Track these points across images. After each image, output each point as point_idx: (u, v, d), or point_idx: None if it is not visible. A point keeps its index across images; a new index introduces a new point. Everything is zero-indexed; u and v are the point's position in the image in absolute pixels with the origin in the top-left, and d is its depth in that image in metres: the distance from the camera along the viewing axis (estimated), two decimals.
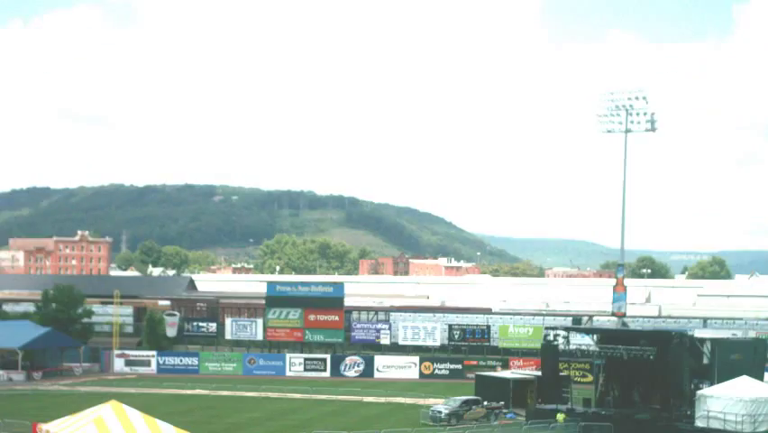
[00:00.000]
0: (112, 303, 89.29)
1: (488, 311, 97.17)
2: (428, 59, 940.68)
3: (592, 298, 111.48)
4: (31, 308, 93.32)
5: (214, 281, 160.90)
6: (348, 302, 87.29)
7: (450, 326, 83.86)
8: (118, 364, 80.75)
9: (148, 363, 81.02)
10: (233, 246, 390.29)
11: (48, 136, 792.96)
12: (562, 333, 55.91)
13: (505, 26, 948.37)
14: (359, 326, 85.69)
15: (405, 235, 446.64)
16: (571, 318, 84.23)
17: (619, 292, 78.92)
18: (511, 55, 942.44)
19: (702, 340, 51.33)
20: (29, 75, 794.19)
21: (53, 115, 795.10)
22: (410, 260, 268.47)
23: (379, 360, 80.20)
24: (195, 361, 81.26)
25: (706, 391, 46.99)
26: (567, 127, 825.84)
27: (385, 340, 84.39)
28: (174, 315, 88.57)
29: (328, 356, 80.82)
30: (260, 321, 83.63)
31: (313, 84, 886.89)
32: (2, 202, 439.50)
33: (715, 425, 45.05)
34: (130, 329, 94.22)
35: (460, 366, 77.94)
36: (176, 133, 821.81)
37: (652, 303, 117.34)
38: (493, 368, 72.70)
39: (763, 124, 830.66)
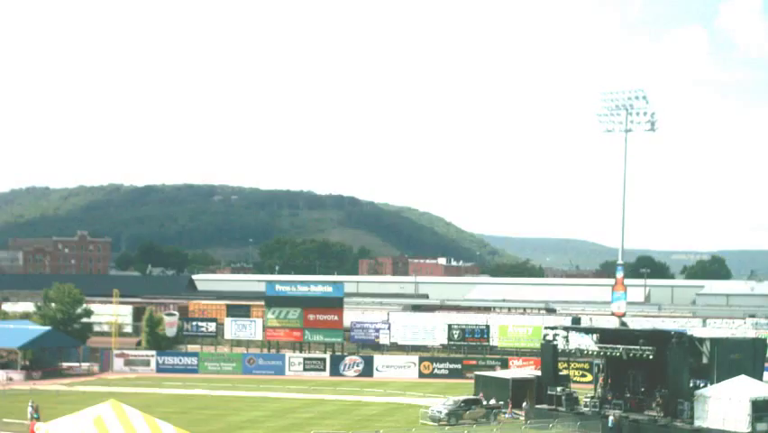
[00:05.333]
0: (111, 303, 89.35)
1: (487, 311, 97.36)
2: (428, 58, 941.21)
3: (592, 297, 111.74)
4: (30, 308, 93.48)
5: (213, 281, 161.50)
6: (347, 302, 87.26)
7: (449, 325, 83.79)
8: (117, 364, 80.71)
9: (147, 363, 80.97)
10: (232, 246, 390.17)
11: (47, 136, 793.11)
12: (562, 332, 55.91)
13: (504, 26, 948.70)
14: (358, 325, 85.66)
15: (404, 235, 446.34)
16: (570, 318, 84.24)
17: (618, 292, 78.76)
18: (511, 54, 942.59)
19: (701, 339, 51.33)
20: (28, 74, 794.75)
21: (53, 114, 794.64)
22: (410, 259, 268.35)
23: (379, 360, 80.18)
24: (194, 360, 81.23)
25: (705, 390, 47.01)
26: (567, 127, 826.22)
27: (384, 340, 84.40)
28: (173, 314, 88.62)
29: (327, 356, 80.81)
30: (259, 321, 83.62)
31: (312, 84, 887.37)
32: (2, 202, 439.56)
33: (714, 425, 45.06)
34: (129, 329, 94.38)
35: (459, 366, 77.88)
36: (175, 133, 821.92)
37: (651, 302, 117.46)
38: (492, 368, 72.66)
39: (763, 123, 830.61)
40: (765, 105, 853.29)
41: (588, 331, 59.27)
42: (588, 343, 55.63)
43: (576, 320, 76.56)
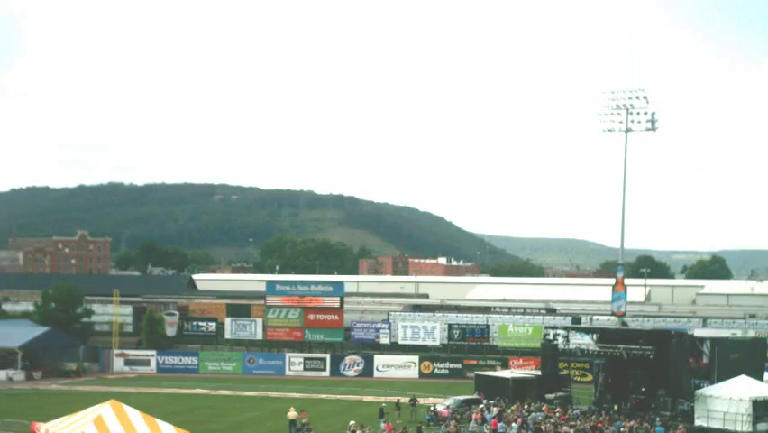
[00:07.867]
0: (111, 302, 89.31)
1: (487, 310, 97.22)
2: (427, 58, 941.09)
3: (592, 297, 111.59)
4: (30, 307, 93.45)
5: (213, 281, 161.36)
6: (348, 302, 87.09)
7: (449, 325, 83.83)
8: (118, 364, 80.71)
9: (147, 363, 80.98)
10: (232, 246, 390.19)
11: (48, 136, 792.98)
12: (562, 332, 56.04)
13: (503, 25, 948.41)
14: (358, 325, 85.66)
15: (404, 235, 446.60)
16: (570, 318, 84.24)
17: (619, 292, 78.77)
18: (511, 53, 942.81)
19: (702, 339, 51.36)
20: (27, 74, 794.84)
21: (52, 113, 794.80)
22: (410, 259, 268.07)
23: (379, 359, 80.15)
24: (194, 360, 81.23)
25: (705, 390, 47.01)
26: (567, 126, 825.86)
27: (384, 339, 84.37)
28: (173, 314, 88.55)
29: (328, 356, 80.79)
30: (259, 321, 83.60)
31: (312, 84, 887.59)
32: (2, 202, 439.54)
33: (714, 424, 45.08)
34: (129, 329, 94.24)
35: (459, 366, 77.88)
36: (176, 132, 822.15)
37: (651, 302, 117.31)
38: (493, 367, 72.64)
39: (763, 123, 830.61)
40: (766, 104, 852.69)
41: (588, 331, 59.38)
42: (588, 343, 55.71)
43: (576, 320, 76.68)
